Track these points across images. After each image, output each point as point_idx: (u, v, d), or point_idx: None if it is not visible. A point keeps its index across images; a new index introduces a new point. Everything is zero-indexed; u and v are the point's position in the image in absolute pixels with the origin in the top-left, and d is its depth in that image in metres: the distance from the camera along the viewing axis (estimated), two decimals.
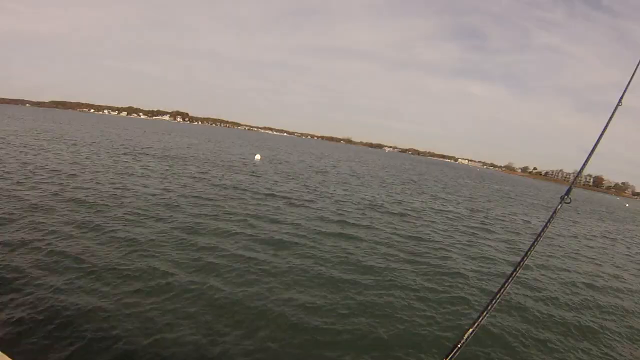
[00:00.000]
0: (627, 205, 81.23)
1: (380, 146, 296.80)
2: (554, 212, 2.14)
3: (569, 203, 2.11)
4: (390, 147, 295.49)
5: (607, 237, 19.94)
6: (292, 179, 21.68)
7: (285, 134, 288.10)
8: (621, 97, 2.56)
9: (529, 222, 19.98)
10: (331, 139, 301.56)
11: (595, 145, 2.49)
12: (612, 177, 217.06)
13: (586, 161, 2.39)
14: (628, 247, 17.73)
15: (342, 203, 15.69)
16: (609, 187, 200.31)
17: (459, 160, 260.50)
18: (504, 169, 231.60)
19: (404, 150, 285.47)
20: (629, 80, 2.71)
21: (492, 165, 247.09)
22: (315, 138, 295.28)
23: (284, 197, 14.89)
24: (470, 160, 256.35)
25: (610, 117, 2.42)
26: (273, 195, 15.02)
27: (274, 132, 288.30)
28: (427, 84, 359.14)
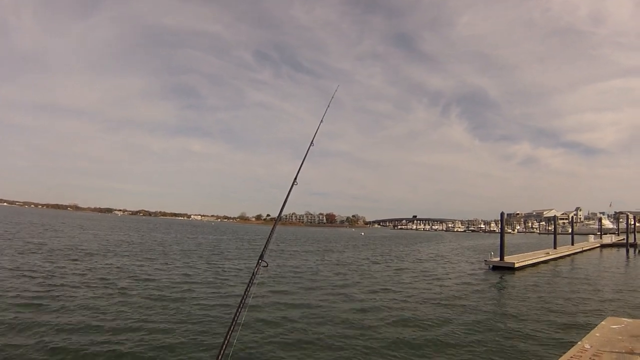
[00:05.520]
0: (362, 234, 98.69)
1: (110, 210, 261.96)
2: (254, 275, 2.37)
3: (266, 266, 2.33)
4: (121, 210, 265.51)
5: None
6: None
7: (5, 204, 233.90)
8: (295, 177, 3.55)
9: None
10: (57, 206, 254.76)
11: (287, 195, 3.36)
12: (342, 212, 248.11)
13: (282, 207, 3.28)
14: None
15: None
16: (342, 222, 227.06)
17: (192, 217, 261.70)
18: (238, 219, 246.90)
19: (134, 213, 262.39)
20: (300, 165, 3.82)
21: (226, 217, 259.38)
22: (40, 207, 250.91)
23: None
24: (204, 216, 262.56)
25: (289, 191, 3.48)
26: None
27: None
28: (149, 143, 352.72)
